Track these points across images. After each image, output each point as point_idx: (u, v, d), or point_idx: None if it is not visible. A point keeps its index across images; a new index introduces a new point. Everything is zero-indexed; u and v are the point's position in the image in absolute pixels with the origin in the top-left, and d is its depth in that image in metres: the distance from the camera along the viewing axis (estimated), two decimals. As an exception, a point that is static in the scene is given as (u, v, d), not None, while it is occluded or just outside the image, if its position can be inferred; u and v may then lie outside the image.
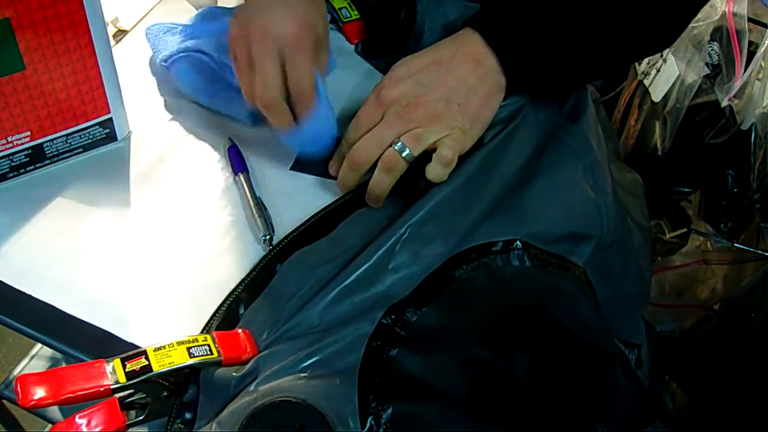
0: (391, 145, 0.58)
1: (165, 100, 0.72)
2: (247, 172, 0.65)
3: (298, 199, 0.64)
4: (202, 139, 0.69)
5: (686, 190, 0.99)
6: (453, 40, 0.62)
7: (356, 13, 0.79)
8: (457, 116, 0.59)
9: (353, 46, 0.78)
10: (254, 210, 0.61)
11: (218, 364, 0.50)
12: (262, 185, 0.65)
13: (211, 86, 0.69)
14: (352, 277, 0.54)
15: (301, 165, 0.66)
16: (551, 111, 0.68)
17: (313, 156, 0.65)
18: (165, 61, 0.70)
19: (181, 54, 0.69)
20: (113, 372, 0.47)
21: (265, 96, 0.60)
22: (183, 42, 0.70)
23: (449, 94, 0.59)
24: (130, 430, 0.49)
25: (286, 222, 0.61)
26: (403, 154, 0.58)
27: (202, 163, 0.67)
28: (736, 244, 0.97)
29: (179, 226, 0.62)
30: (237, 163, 0.65)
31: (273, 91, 0.60)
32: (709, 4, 0.82)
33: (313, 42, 0.61)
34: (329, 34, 0.77)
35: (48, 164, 0.64)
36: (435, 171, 0.58)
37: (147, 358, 0.48)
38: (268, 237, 0.59)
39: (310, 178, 0.66)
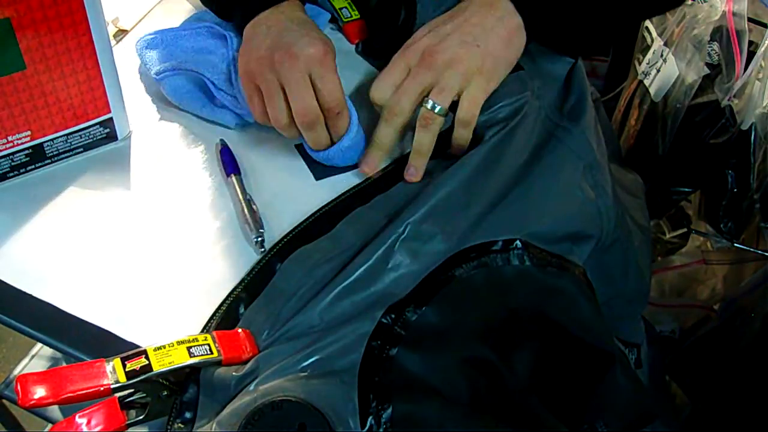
0: (422, 104, 0.62)
1: (166, 100, 0.72)
2: (239, 173, 0.65)
3: (297, 198, 0.64)
4: (203, 138, 0.69)
5: (686, 190, 0.99)
6: None
7: (357, 13, 0.79)
8: (478, 57, 0.61)
9: (353, 46, 0.78)
10: (246, 212, 0.61)
11: (218, 363, 0.50)
12: (261, 184, 0.65)
13: (198, 97, 0.70)
14: (352, 277, 0.54)
15: (324, 171, 0.67)
16: (551, 110, 0.68)
17: (342, 165, 0.67)
18: (157, 74, 0.71)
19: (166, 72, 0.70)
20: (113, 371, 0.47)
21: (309, 115, 0.61)
22: (166, 60, 0.71)
23: (467, 37, 0.62)
24: (130, 429, 0.49)
25: (285, 221, 0.61)
26: (436, 110, 0.61)
27: (203, 162, 0.67)
28: (736, 244, 0.97)
29: (180, 225, 0.62)
30: (229, 165, 0.65)
31: (316, 110, 0.61)
32: (708, 4, 0.82)
33: (334, 60, 0.63)
34: (330, 34, 0.77)
35: (48, 164, 0.64)
36: (458, 134, 0.63)
37: (147, 358, 0.48)
38: (259, 239, 0.59)
39: (311, 177, 0.66)
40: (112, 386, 0.47)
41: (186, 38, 0.71)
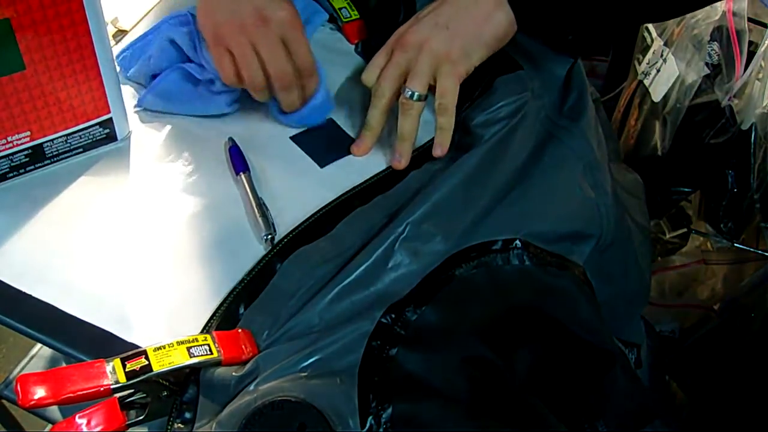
0: (401, 92, 0.64)
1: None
2: (249, 171, 0.65)
3: (299, 197, 0.64)
4: (202, 138, 0.69)
5: (686, 190, 0.99)
6: None
7: (356, 13, 0.79)
8: (446, 41, 0.62)
9: (353, 46, 0.78)
10: (255, 209, 0.61)
11: (218, 363, 0.50)
12: (262, 184, 0.65)
13: (182, 97, 0.70)
14: (352, 277, 0.54)
15: (329, 157, 0.68)
16: (551, 110, 0.68)
17: (310, 126, 0.69)
18: (143, 89, 0.71)
19: (148, 90, 0.70)
20: (113, 372, 0.47)
21: (286, 78, 0.64)
22: (140, 72, 0.71)
23: (439, 19, 0.63)
24: (130, 429, 0.49)
25: (287, 221, 0.61)
26: (413, 98, 0.63)
27: (202, 162, 0.67)
28: (736, 244, 0.97)
29: (179, 225, 0.62)
30: (238, 163, 0.65)
31: (290, 69, 0.64)
32: (708, 3, 0.82)
33: (301, 22, 0.65)
34: (330, 34, 0.77)
35: (48, 164, 0.64)
36: (438, 122, 0.65)
37: (147, 358, 0.48)
38: (269, 237, 0.59)
39: (311, 177, 0.66)
40: (112, 386, 0.47)
41: (151, 43, 0.71)
